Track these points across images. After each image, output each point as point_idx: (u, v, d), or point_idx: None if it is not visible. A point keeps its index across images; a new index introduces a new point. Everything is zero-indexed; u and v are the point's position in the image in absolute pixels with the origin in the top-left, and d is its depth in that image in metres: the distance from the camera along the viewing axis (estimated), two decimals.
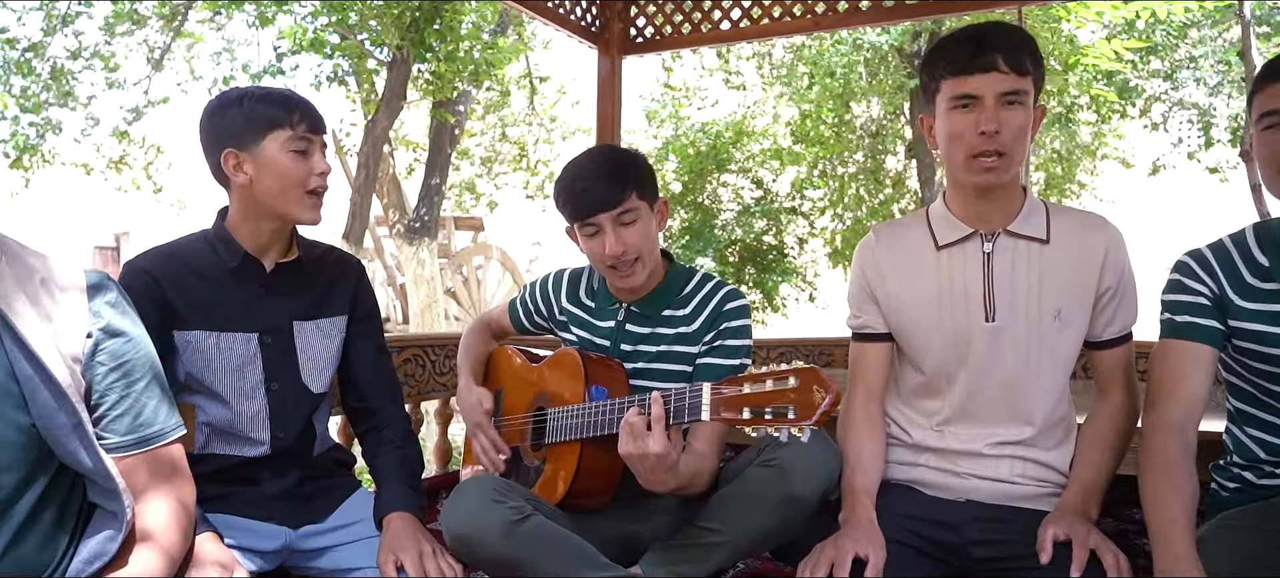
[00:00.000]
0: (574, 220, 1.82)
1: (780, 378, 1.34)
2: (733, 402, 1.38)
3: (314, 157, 1.68)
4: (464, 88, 8.47)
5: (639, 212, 1.78)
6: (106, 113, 22.53)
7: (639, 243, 1.78)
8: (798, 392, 1.31)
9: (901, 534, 1.63)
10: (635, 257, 1.78)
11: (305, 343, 1.76)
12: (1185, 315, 1.59)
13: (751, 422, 1.35)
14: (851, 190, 11.69)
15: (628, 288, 1.85)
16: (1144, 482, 1.51)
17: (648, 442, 1.52)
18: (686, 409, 1.47)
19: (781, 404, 1.32)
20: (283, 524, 1.67)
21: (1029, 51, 1.59)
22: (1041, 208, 1.70)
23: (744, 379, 1.38)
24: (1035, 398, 1.68)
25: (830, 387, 1.30)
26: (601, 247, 1.78)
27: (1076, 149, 11.90)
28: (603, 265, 1.83)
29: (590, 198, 1.77)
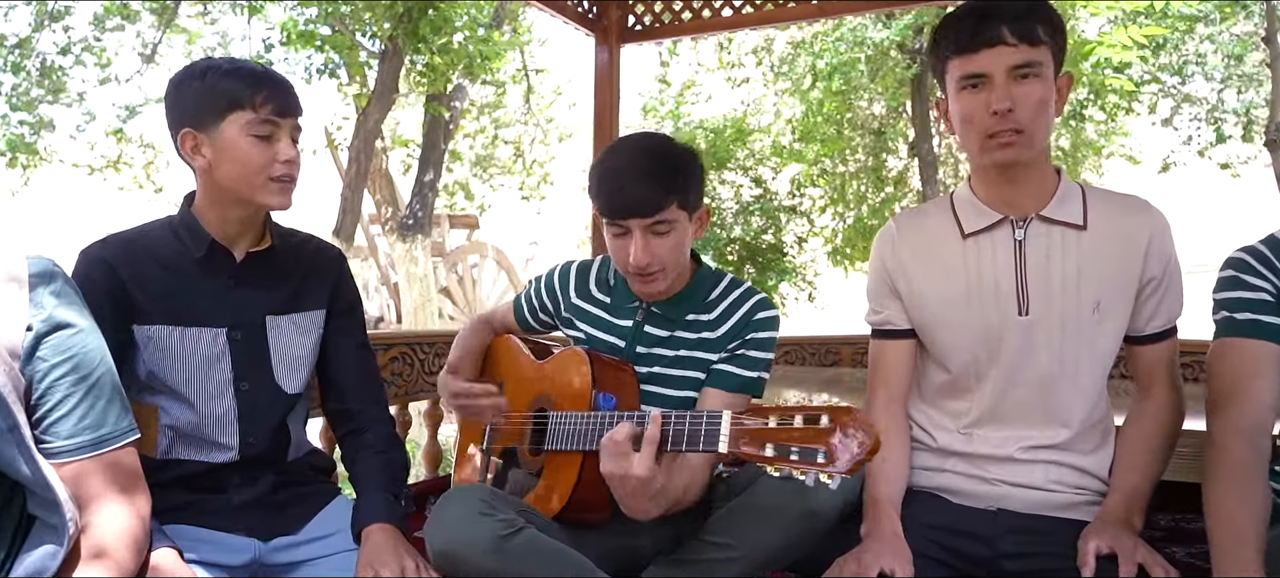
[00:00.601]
0: (603, 215, 1.63)
1: (812, 416, 1.19)
2: (756, 436, 1.23)
3: (279, 143, 1.50)
4: (458, 82, 8.33)
5: (676, 223, 1.60)
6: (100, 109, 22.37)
7: (668, 256, 1.61)
8: (829, 433, 1.17)
9: (928, 547, 1.51)
10: (659, 269, 1.61)
11: (279, 339, 1.62)
12: (1247, 312, 1.45)
13: (774, 460, 1.20)
14: (853, 188, 11.57)
15: (650, 294, 1.69)
16: (1209, 492, 1.37)
17: (632, 463, 1.37)
18: (702, 436, 1.32)
19: (811, 446, 1.18)
20: (252, 536, 1.53)
21: (1042, 19, 1.45)
22: (1077, 191, 1.57)
23: (770, 412, 1.23)
24: (1072, 398, 1.54)
25: (870, 430, 1.15)
26: (626, 252, 1.61)
27: (1082, 145, 11.80)
28: (623, 269, 1.66)
29: (626, 199, 1.58)
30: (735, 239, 10.08)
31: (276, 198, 1.53)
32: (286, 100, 1.53)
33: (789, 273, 10.18)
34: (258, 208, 1.55)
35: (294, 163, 1.54)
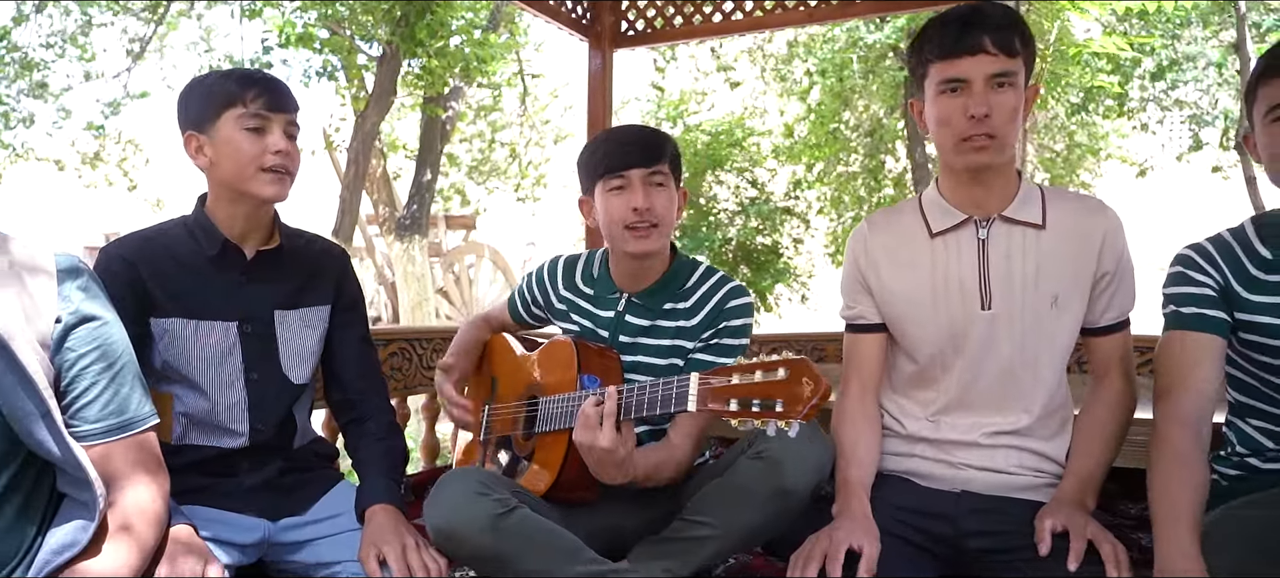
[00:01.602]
0: (605, 174, 1.76)
1: (769, 370, 1.30)
2: (720, 393, 1.35)
3: (271, 134, 1.60)
4: (455, 84, 8.42)
5: (667, 181, 1.77)
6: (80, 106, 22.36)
7: (662, 210, 1.75)
8: (786, 384, 1.28)
9: (896, 527, 1.60)
10: (655, 223, 1.74)
11: (286, 333, 1.72)
12: (1192, 306, 1.56)
13: (738, 414, 1.31)
14: (851, 190, 11.67)
15: (637, 254, 1.79)
16: (1153, 473, 1.47)
17: (598, 434, 1.49)
18: (673, 398, 1.43)
19: (769, 397, 1.28)
20: (262, 517, 1.63)
21: (1018, 31, 1.56)
22: (1037, 193, 1.67)
23: (733, 371, 1.34)
24: (1032, 387, 1.65)
25: (819, 380, 1.26)
26: (627, 203, 1.73)
27: (1077, 147, 11.90)
28: (621, 225, 1.76)
29: (627, 151, 1.75)
30: (730, 240, 10.17)
31: (270, 188, 1.62)
32: (276, 96, 1.62)
33: (784, 274, 10.27)
34: (254, 200, 1.63)
35: (286, 155, 1.63)
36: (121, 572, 1.21)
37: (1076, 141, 11.84)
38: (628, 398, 1.51)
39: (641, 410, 1.48)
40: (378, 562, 1.51)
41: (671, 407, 1.43)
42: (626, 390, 1.52)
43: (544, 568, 1.56)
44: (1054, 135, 11.79)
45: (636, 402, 1.49)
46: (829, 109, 11.46)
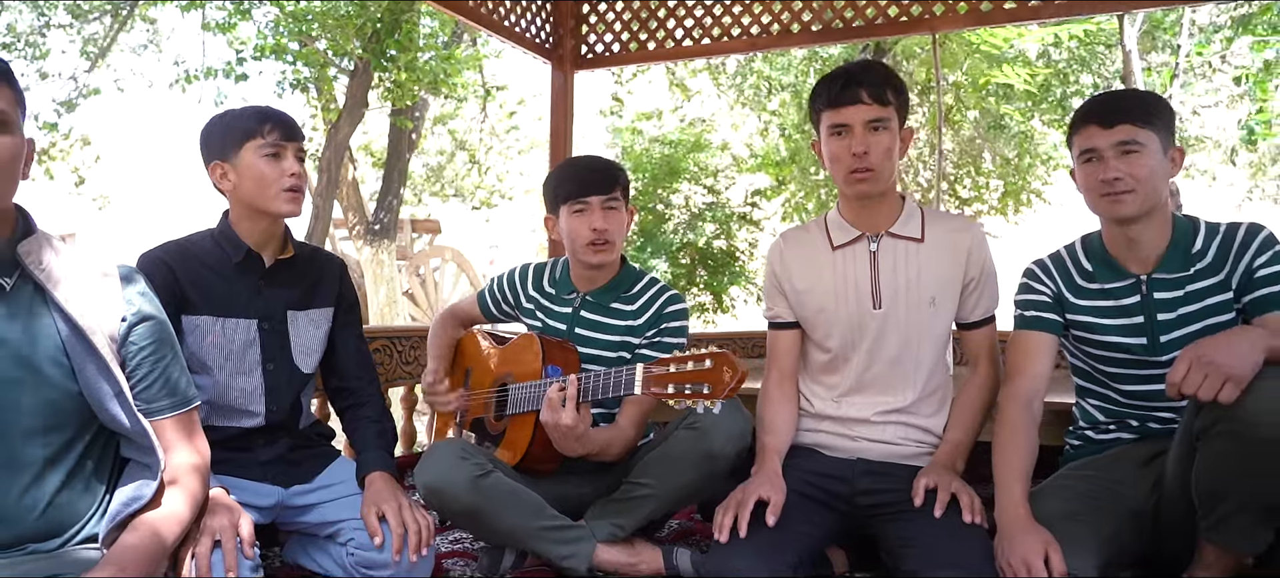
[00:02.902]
0: (568, 200, 2.13)
1: (699, 360, 1.65)
2: (660, 379, 1.69)
3: (286, 160, 1.93)
4: (422, 95, 8.68)
5: (619, 204, 2.14)
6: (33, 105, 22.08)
7: (615, 229, 2.13)
8: (712, 372, 1.63)
9: (803, 486, 1.96)
10: (609, 240, 2.11)
11: (297, 330, 2.03)
12: (1032, 310, 1.95)
13: (674, 395, 1.66)
14: (814, 199, 12.14)
15: (595, 264, 2.15)
16: (997, 440, 1.85)
17: (561, 415, 1.83)
18: (622, 383, 1.78)
19: (699, 382, 1.63)
20: (276, 484, 1.94)
21: (891, 85, 1.93)
22: (918, 212, 2.04)
23: (670, 361, 1.69)
24: (915, 372, 2.02)
25: (737, 367, 1.61)
26: (586, 224, 2.10)
27: (1028, 155, 12.47)
28: (581, 242, 2.12)
29: (589, 181, 2.13)
30: (686, 244, 10.55)
31: (288, 206, 1.95)
32: (289, 128, 1.97)
33: (739, 277, 10.68)
34: (274, 216, 1.96)
35: (299, 176, 1.97)
36: (180, 516, 1.52)
37: (1027, 149, 12.42)
38: (586, 383, 1.85)
39: (597, 394, 1.82)
40: (378, 518, 1.83)
41: (622, 390, 1.78)
42: (584, 377, 1.86)
43: (515, 522, 1.90)
44: (1008, 143, 12.33)
45: (593, 386, 1.84)
46: (791, 120, 11.93)
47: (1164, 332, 1.83)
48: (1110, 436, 1.96)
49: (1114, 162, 1.77)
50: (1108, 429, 1.97)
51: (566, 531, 1.96)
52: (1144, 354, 1.85)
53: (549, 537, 1.94)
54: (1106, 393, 1.96)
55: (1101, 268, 1.90)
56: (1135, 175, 1.76)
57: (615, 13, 4.23)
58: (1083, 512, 1.73)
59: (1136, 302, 1.86)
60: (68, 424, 1.48)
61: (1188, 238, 1.84)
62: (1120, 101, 1.86)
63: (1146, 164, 1.77)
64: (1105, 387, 1.96)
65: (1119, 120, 1.78)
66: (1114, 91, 2.19)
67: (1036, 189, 12.97)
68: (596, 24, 4.27)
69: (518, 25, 4.00)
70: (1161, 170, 1.79)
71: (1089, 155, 1.82)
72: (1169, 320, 1.83)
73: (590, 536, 1.98)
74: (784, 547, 1.77)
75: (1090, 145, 1.81)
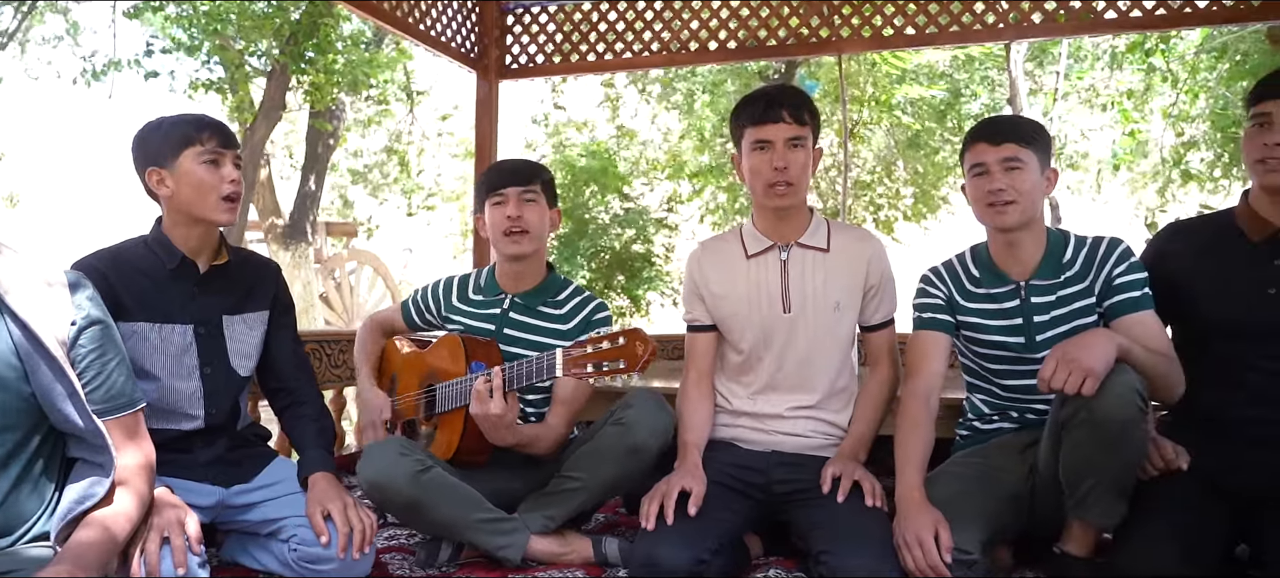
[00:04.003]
0: (490, 192, 2.25)
1: (613, 339, 1.80)
2: (580, 360, 1.83)
3: (225, 167, 1.98)
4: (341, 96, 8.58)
5: (538, 198, 2.26)
6: None
7: (533, 222, 2.24)
8: (626, 348, 1.77)
9: (722, 477, 2.11)
10: (526, 230, 2.22)
11: (234, 334, 2.08)
12: (928, 313, 2.16)
13: (594, 373, 1.80)
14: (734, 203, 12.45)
15: (512, 255, 2.26)
16: (897, 432, 2.05)
17: (490, 404, 1.95)
18: (544, 368, 1.90)
19: (615, 359, 1.78)
20: (216, 484, 1.99)
21: (808, 107, 2.13)
22: (824, 224, 2.24)
23: (588, 343, 1.83)
24: (822, 372, 2.20)
25: (648, 342, 1.77)
26: (502, 213, 2.22)
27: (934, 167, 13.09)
28: (499, 231, 2.24)
29: (507, 173, 2.26)
30: (605, 249, 10.71)
31: (225, 214, 2.00)
32: (226, 136, 2.02)
33: (656, 281, 10.88)
34: (210, 222, 2.00)
35: (238, 184, 2.03)
36: (129, 514, 1.57)
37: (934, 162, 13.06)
38: (510, 372, 1.97)
39: (523, 381, 1.95)
40: (323, 517, 1.90)
41: (545, 375, 1.90)
42: (508, 367, 1.98)
43: (453, 515, 2.00)
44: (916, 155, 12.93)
45: (517, 374, 1.96)
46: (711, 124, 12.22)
47: (1039, 332, 2.06)
48: (994, 426, 2.19)
49: (1000, 176, 2.00)
50: (991, 420, 2.20)
51: (502, 522, 2.07)
52: (1022, 352, 2.08)
53: (485, 529, 2.04)
54: (990, 388, 2.19)
55: (987, 274, 2.13)
56: (1018, 188, 1.99)
57: (540, 25, 4.35)
58: (969, 494, 1.94)
59: (1016, 305, 2.09)
60: (19, 426, 1.53)
61: (1060, 249, 2.08)
62: (1007, 124, 2.10)
63: (1028, 179, 2.00)
64: (989, 382, 2.19)
65: (1005, 139, 2.01)
66: (1002, 116, 2.44)
67: (943, 197, 13.63)
68: (521, 35, 4.38)
69: (443, 35, 4.08)
70: (1039, 187, 2.03)
71: (978, 169, 2.04)
72: (1043, 322, 2.06)
73: (524, 527, 2.09)
74: (706, 533, 1.93)
75: (980, 160, 2.03)
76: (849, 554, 1.82)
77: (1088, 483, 1.83)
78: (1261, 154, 1.93)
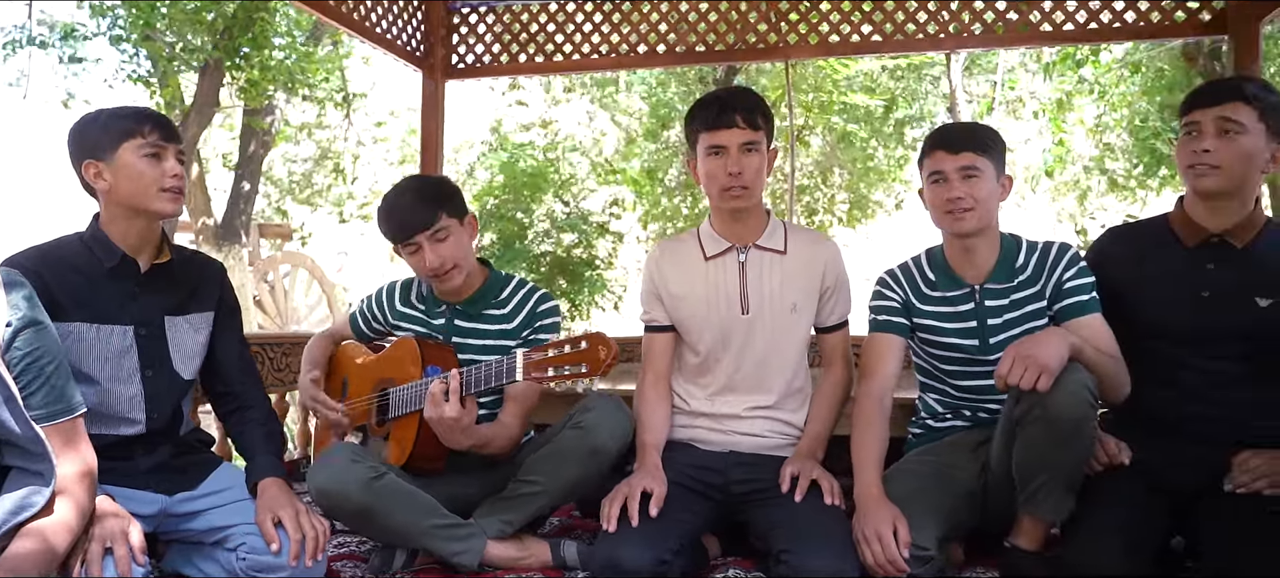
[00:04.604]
0: (396, 243, 2.16)
1: (575, 344, 1.78)
2: (540, 364, 1.81)
3: (167, 161, 1.90)
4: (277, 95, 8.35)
5: (450, 228, 2.15)
6: None
7: (454, 254, 2.15)
8: (588, 352, 1.76)
9: (681, 478, 2.12)
10: (452, 266, 2.15)
11: (176, 336, 2.00)
12: (884, 315, 2.20)
13: (555, 378, 1.78)
14: (670, 203, 12.49)
15: (450, 290, 2.22)
16: (854, 432, 2.08)
17: (445, 408, 1.91)
18: (504, 372, 1.88)
19: (577, 362, 1.76)
20: (159, 492, 1.91)
21: (761, 111, 2.14)
22: (781, 227, 2.26)
23: (549, 347, 1.81)
24: (779, 372, 2.22)
25: (611, 345, 1.75)
26: (422, 262, 2.14)
27: (870, 172, 13.36)
28: (426, 277, 2.18)
29: (407, 222, 2.12)
30: (545, 254, 10.64)
31: (169, 205, 1.92)
32: (168, 129, 1.95)
33: (599, 286, 10.85)
34: (152, 216, 1.92)
35: (180, 177, 1.95)
36: (68, 524, 1.50)
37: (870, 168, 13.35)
38: (467, 376, 1.94)
39: (480, 384, 1.92)
40: (274, 524, 1.84)
41: (504, 378, 1.88)
42: (465, 370, 1.94)
43: (407, 521, 1.96)
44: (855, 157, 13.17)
45: (475, 377, 1.93)
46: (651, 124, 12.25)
47: (992, 334, 2.11)
48: (947, 424, 2.23)
49: (957, 183, 2.05)
50: (945, 419, 2.25)
51: (457, 528, 2.03)
52: (976, 353, 2.13)
53: (441, 534, 2.00)
54: (944, 388, 2.24)
55: (942, 278, 2.17)
56: (975, 196, 2.04)
57: (486, 25, 4.30)
58: (924, 491, 1.98)
59: (971, 308, 2.14)
60: None
61: (1013, 253, 2.14)
62: (965, 132, 2.16)
63: (984, 187, 2.05)
64: (943, 382, 2.23)
65: (963, 148, 2.06)
66: (960, 123, 2.50)
67: (878, 201, 13.93)
68: (467, 35, 4.33)
69: (389, 32, 4.00)
70: (995, 194, 2.09)
71: (936, 177, 2.08)
72: (996, 324, 2.11)
73: (481, 533, 2.06)
74: (667, 534, 1.92)
75: (938, 168, 2.08)
76: (810, 553, 1.83)
77: (1040, 479, 1.88)
78: (1192, 160, 2.01)
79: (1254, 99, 1.95)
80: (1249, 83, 2.02)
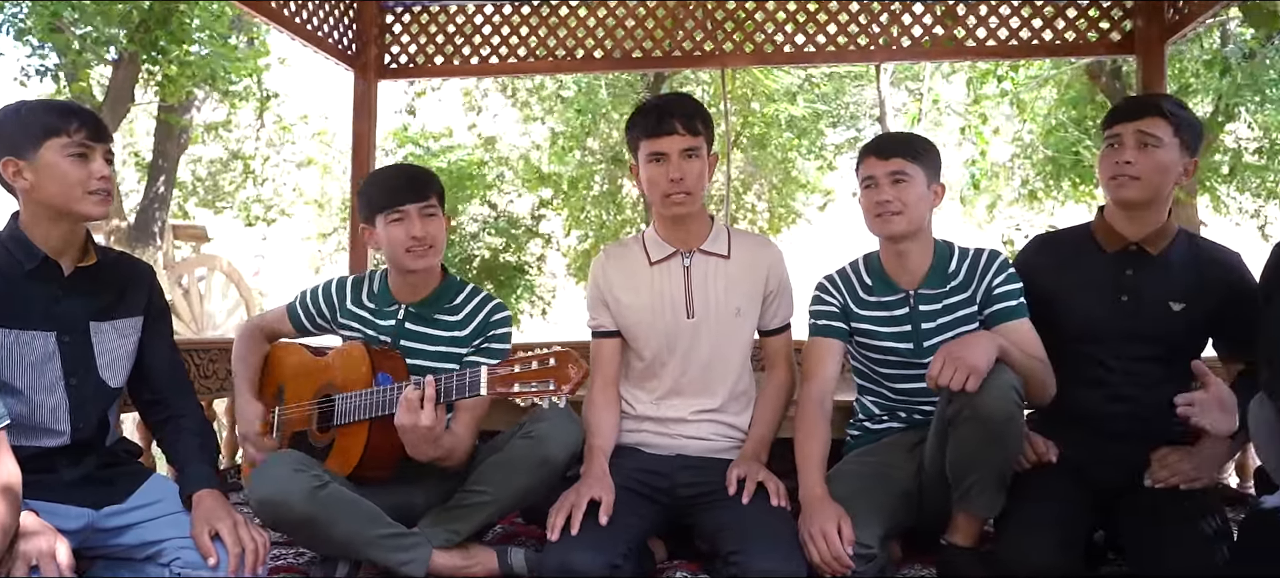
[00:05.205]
0: (385, 207, 2.13)
1: (543, 360, 1.76)
2: (506, 379, 1.79)
3: (94, 161, 1.82)
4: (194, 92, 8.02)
5: (436, 211, 2.17)
6: None
7: (436, 234, 2.15)
8: (557, 369, 1.75)
9: (629, 482, 2.12)
10: (431, 245, 2.14)
11: (102, 342, 1.91)
12: (824, 320, 2.25)
13: (520, 394, 1.76)
14: (594, 212, 12.49)
15: (415, 270, 2.17)
16: (797, 434, 2.12)
17: (420, 415, 1.88)
18: (467, 386, 1.85)
19: (544, 379, 1.75)
20: (85, 506, 1.82)
21: (701, 117, 2.17)
22: (725, 232, 2.29)
23: (515, 361, 1.80)
24: (724, 376, 2.24)
25: (581, 363, 1.75)
26: (405, 231, 2.11)
27: (790, 182, 13.66)
28: (400, 249, 2.13)
29: (406, 188, 2.14)
30: (474, 257, 10.54)
31: (96, 208, 1.83)
32: (96, 128, 1.85)
33: (527, 290, 10.80)
34: (78, 218, 1.83)
35: (108, 179, 1.86)
36: None
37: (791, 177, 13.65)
38: (440, 384, 1.90)
39: (447, 395, 1.88)
40: (211, 536, 1.77)
41: (466, 393, 1.85)
42: (438, 378, 1.90)
43: (352, 531, 1.91)
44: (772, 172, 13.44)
45: (444, 388, 1.89)
46: (576, 131, 12.23)
47: (926, 338, 2.18)
48: (884, 426, 2.30)
49: (887, 188, 2.12)
50: (882, 421, 2.31)
51: (403, 538, 2.00)
52: (910, 356, 2.20)
53: (386, 545, 1.96)
54: (881, 390, 2.30)
55: (878, 283, 2.24)
56: (904, 200, 2.11)
57: (420, 25, 4.25)
58: (866, 491, 2.03)
59: (906, 313, 2.20)
60: None
61: (945, 260, 2.22)
62: (896, 140, 2.23)
63: (914, 192, 2.13)
64: (880, 384, 2.30)
65: (894, 154, 2.14)
66: (894, 132, 2.58)
67: (798, 211, 14.23)
68: (401, 34, 4.27)
69: (320, 29, 3.91)
70: (926, 200, 2.16)
71: (868, 182, 2.15)
72: (930, 328, 2.19)
73: (427, 542, 2.02)
74: (616, 539, 1.93)
75: (870, 173, 2.15)
76: (759, 554, 1.86)
77: (972, 477, 1.95)
78: (1113, 171, 2.12)
79: (1170, 115, 2.07)
80: (1166, 100, 2.14)
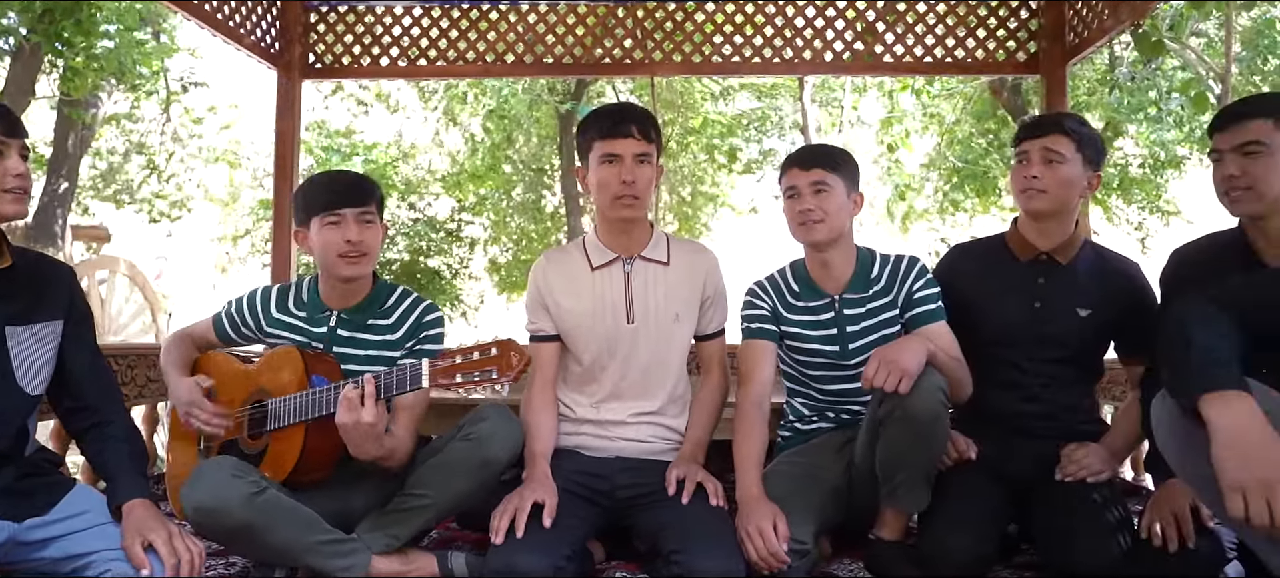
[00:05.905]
0: (324, 211, 2.10)
1: (484, 350, 1.78)
2: (448, 371, 1.80)
3: (9, 159, 1.75)
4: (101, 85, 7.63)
5: (374, 219, 2.16)
6: None
7: (371, 242, 2.14)
8: (499, 359, 1.77)
9: (570, 484, 2.15)
10: (365, 252, 2.13)
11: (19, 348, 1.83)
12: (757, 323, 2.32)
13: (462, 384, 1.78)
14: (515, 223, 12.42)
15: (347, 277, 2.15)
16: (735, 435, 2.19)
17: (361, 413, 1.87)
18: (408, 379, 1.85)
19: (486, 368, 1.76)
20: (5, 519, 1.74)
21: (654, 127, 2.24)
22: (664, 239, 2.34)
23: (455, 353, 1.81)
24: (663, 380, 2.29)
25: (522, 352, 1.77)
26: (340, 236, 2.09)
27: (700, 196, 13.91)
28: (334, 253, 2.11)
29: (343, 192, 2.12)
30: (392, 261, 10.35)
31: (13, 206, 1.77)
32: (10, 123, 1.79)
33: (450, 297, 10.66)
34: None
35: (24, 176, 1.79)
36: None
37: (700, 190, 13.90)
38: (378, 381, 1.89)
39: (390, 391, 1.88)
40: (143, 548, 1.72)
41: (408, 387, 1.85)
42: (377, 375, 1.89)
43: (291, 537, 1.89)
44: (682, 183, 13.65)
45: (385, 384, 1.89)
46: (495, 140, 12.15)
47: (852, 340, 2.28)
48: (813, 427, 2.39)
49: (809, 197, 2.22)
50: (811, 422, 2.40)
51: (341, 544, 1.98)
52: (837, 359, 2.29)
53: (325, 551, 1.94)
54: (809, 392, 2.39)
55: (805, 288, 2.33)
56: (824, 209, 2.22)
57: (346, 25, 4.19)
58: (800, 490, 2.11)
59: (831, 317, 2.30)
60: None
61: (868, 266, 2.32)
62: (818, 151, 2.33)
63: (834, 201, 2.23)
64: (808, 386, 2.39)
65: (814, 165, 2.24)
66: (816, 144, 2.68)
67: (706, 224, 14.48)
68: (325, 34, 4.20)
69: (242, 27, 3.81)
70: (846, 208, 2.26)
71: (791, 192, 2.26)
72: (855, 332, 2.29)
73: (366, 547, 2.01)
74: (560, 541, 1.95)
75: (792, 183, 2.25)
76: (700, 553, 1.91)
77: (901, 474, 2.05)
78: (1024, 185, 2.26)
79: (1072, 133, 2.22)
80: (1068, 118, 2.30)
